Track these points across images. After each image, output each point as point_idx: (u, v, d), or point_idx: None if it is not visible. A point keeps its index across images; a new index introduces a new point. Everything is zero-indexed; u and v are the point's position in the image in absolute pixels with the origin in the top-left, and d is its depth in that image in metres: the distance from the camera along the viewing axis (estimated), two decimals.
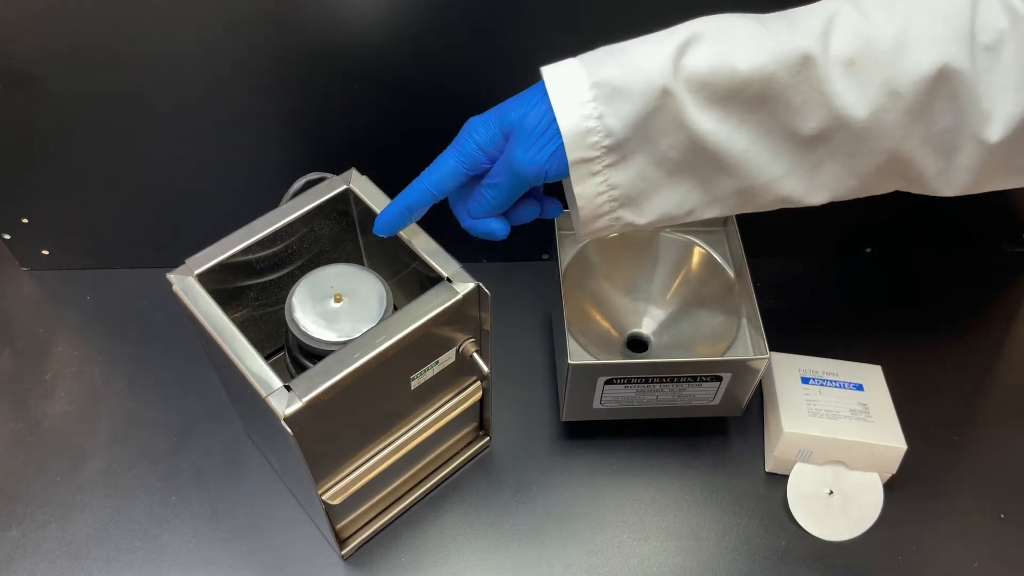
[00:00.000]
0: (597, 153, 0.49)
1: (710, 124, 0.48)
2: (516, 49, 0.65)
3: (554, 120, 0.48)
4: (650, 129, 0.48)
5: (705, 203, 0.53)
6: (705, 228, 0.73)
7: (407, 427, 0.60)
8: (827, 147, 0.49)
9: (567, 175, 0.50)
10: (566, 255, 0.71)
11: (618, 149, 0.49)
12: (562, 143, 0.48)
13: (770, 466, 0.70)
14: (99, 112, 0.68)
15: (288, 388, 0.49)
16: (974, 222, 0.83)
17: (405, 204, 0.54)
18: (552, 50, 0.65)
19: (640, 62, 0.47)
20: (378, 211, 0.58)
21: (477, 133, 0.51)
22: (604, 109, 0.48)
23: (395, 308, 0.57)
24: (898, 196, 0.82)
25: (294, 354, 0.60)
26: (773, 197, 0.52)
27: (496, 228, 0.54)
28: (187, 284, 0.55)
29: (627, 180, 0.50)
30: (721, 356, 0.66)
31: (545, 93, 0.49)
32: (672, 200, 0.52)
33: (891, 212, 0.81)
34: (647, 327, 0.73)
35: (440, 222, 0.61)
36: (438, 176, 0.52)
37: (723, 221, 0.72)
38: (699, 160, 0.50)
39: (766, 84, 0.47)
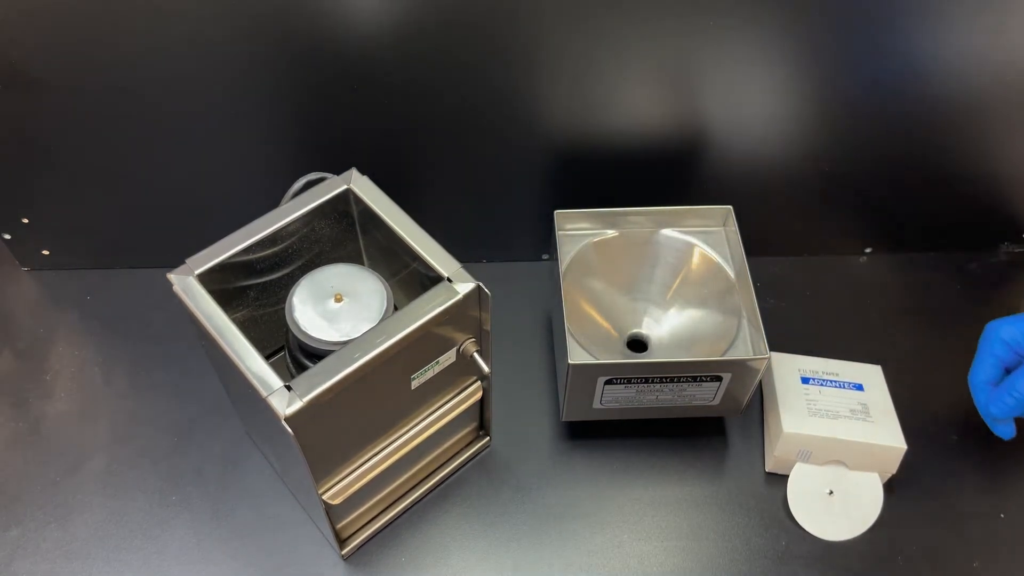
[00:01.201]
0: None
1: None
2: (516, 49, 0.65)
3: None
4: None
5: None
6: (705, 228, 0.73)
7: (407, 427, 0.60)
8: None
9: None
10: (566, 255, 0.71)
11: None
12: None
13: (770, 466, 0.70)
14: (99, 112, 0.68)
15: (288, 388, 0.49)
16: (974, 222, 0.83)
17: (981, 402, 0.63)
18: (552, 50, 0.66)
19: None
20: (378, 211, 0.58)
21: (1001, 330, 0.61)
22: None
23: (395, 308, 0.57)
24: (897, 196, 0.82)
25: (294, 354, 0.60)
26: None
27: (1006, 431, 0.64)
28: (187, 284, 0.55)
29: None
30: (721, 356, 0.66)
31: None
32: None
33: (891, 212, 0.81)
34: (647, 327, 0.73)
35: (440, 221, 0.61)
36: (978, 369, 0.63)
37: (723, 221, 0.72)
38: None
39: None
